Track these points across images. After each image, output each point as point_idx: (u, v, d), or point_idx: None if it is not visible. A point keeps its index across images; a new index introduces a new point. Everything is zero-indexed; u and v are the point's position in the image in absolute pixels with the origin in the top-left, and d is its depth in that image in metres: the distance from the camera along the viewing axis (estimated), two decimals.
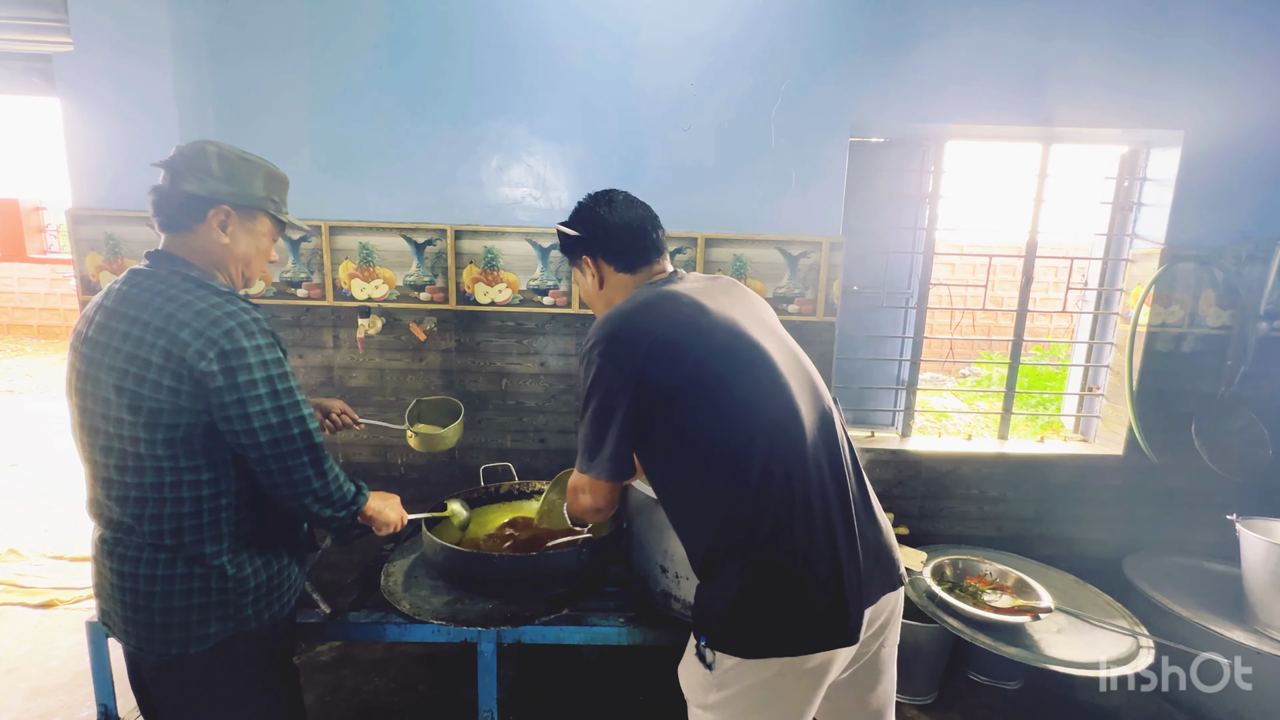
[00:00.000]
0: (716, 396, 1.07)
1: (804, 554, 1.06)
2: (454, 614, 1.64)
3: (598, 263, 1.31)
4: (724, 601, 1.08)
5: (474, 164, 2.28)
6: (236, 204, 1.23)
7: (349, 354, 2.38)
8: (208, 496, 1.16)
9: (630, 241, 1.29)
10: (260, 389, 1.12)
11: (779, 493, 1.06)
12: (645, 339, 1.09)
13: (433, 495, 2.48)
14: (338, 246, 2.31)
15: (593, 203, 1.32)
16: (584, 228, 1.31)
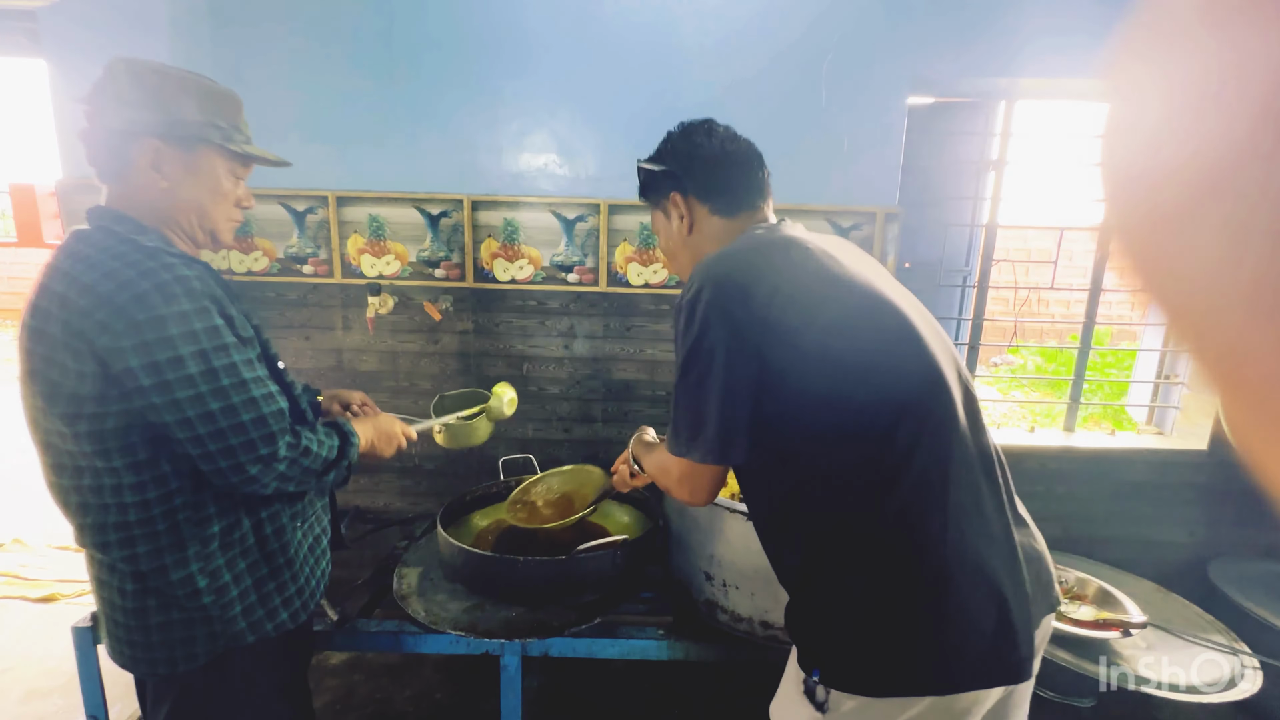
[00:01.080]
0: (853, 368, 0.87)
1: (957, 565, 0.84)
2: (474, 623, 1.47)
3: (689, 202, 1.08)
4: (847, 625, 0.88)
5: (493, 129, 2.08)
6: (166, 135, 0.96)
7: (359, 336, 2.21)
8: (156, 499, 0.94)
9: (734, 176, 1.08)
10: (190, 367, 0.89)
11: (925, 490, 0.85)
12: (768, 288, 0.88)
13: (450, 489, 2.31)
14: (346, 219, 2.13)
15: (686, 131, 1.11)
16: (675, 159, 1.09)
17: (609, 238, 2.13)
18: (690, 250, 1.11)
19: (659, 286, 2.16)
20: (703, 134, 1.09)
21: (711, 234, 1.08)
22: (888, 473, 0.85)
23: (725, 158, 1.08)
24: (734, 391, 0.86)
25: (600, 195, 2.10)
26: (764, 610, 1.41)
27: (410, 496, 2.33)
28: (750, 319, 0.86)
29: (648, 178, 1.15)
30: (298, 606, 1.12)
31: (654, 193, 1.15)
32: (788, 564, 0.98)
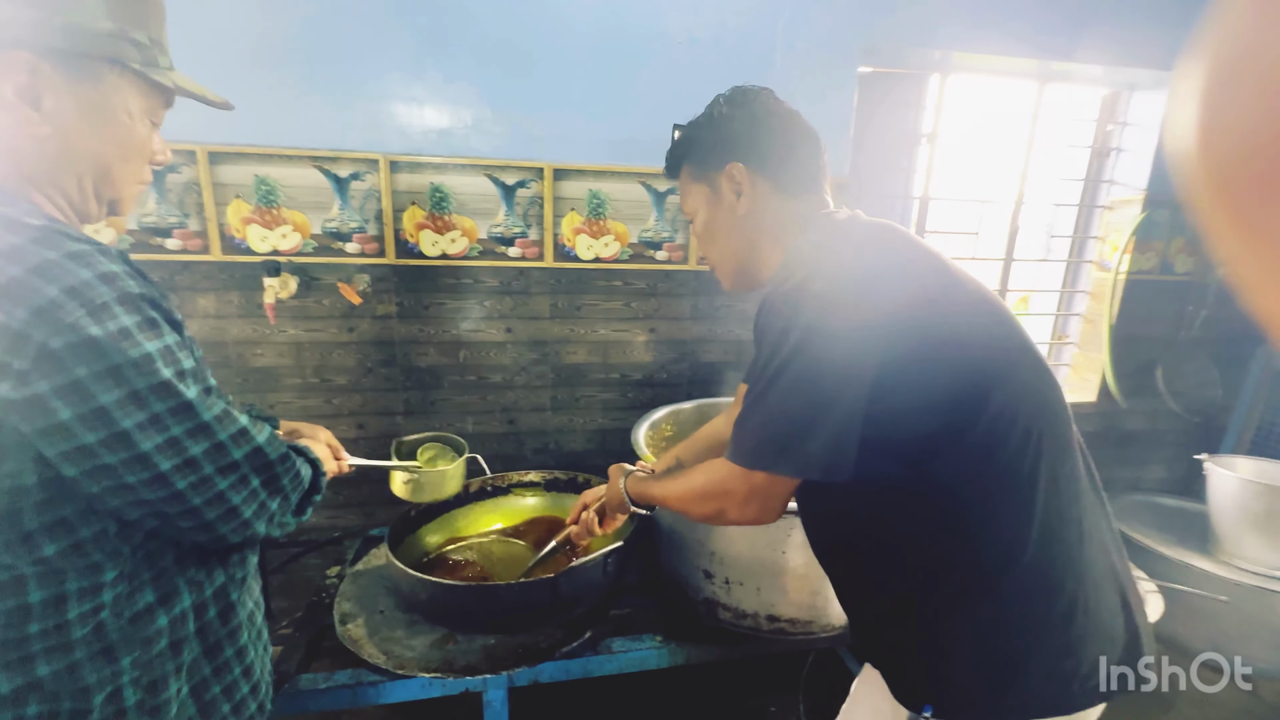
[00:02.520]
0: (979, 370, 0.76)
1: (1093, 574, 0.80)
2: (449, 659, 1.26)
3: (752, 177, 0.92)
4: (974, 654, 0.79)
5: (412, 73, 1.75)
6: (51, 50, 0.63)
7: (249, 325, 1.81)
8: (78, 594, 0.64)
9: (802, 151, 0.93)
10: (153, 405, 0.62)
11: (1056, 500, 0.78)
12: (888, 282, 0.77)
13: (376, 498, 2.01)
14: (223, 180, 1.71)
15: (746, 95, 0.95)
16: (736, 124, 0.93)
17: (555, 206, 1.90)
18: (742, 233, 0.96)
19: (611, 261, 1.98)
20: (768, 99, 0.94)
21: (771, 216, 0.93)
22: (1018, 486, 0.77)
23: (794, 129, 0.93)
24: (848, 398, 0.74)
25: (544, 158, 1.86)
26: (770, 604, 1.34)
27: (326, 511, 2.00)
28: (871, 315, 0.74)
29: (697, 145, 0.97)
30: (253, 712, 0.84)
31: (702, 163, 0.97)
32: (888, 592, 0.87)
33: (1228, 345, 2.54)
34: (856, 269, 0.79)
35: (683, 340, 2.10)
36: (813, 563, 1.30)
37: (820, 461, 0.75)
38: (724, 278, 1.03)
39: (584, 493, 1.29)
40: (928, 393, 0.75)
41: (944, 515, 0.80)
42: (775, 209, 0.93)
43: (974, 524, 0.79)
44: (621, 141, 1.90)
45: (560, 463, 2.10)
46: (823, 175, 0.96)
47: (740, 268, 0.99)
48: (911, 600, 0.84)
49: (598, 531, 1.25)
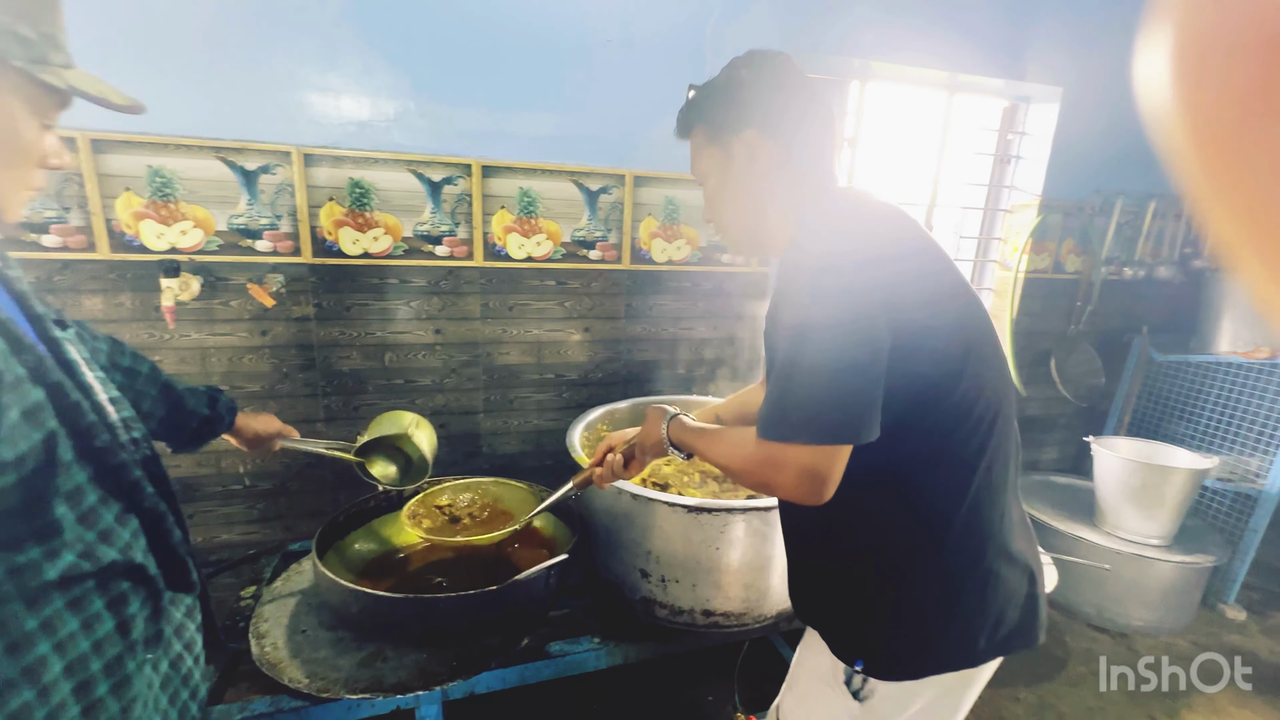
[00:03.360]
0: (963, 349, 0.82)
1: (1013, 543, 0.90)
2: (377, 677, 1.22)
3: (767, 145, 0.91)
4: (907, 613, 0.88)
5: (327, 60, 1.65)
6: None
7: (146, 329, 1.66)
8: None
9: (819, 126, 0.92)
10: None
11: (998, 473, 0.87)
12: (905, 252, 0.82)
13: (297, 509, 1.91)
14: (110, 171, 1.56)
15: (766, 61, 0.92)
16: (754, 90, 0.90)
17: (484, 204, 1.85)
18: (753, 200, 0.95)
19: (544, 260, 1.95)
20: (788, 66, 0.92)
21: (783, 186, 0.93)
22: (972, 457, 0.84)
23: (812, 100, 0.92)
24: (875, 364, 0.76)
25: (472, 154, 1.81)
26: (705, 599, 1.37)
27: (240, 526, 1.87)
28: (892, 284, 0.77)
29: (712, 107, 0.94)
30: None
31: (717, 127, 0.94)
32: (841, 549, 0.93)
33: (1109, 337, 2.82)
34: (868, 239, 0.80)
35: (617, 339, 2.11)
36: (745, 558, 1.34)
37: (854, 428, 0.76)
38: (730, 243, 1.04)
39: (609, 435, 1.24)
40: (923, 356, 0.80)
41: (896, 485, 0.86)
42: (787, 179, 0.93)
43: (918, 496, 0.86)
44: (553, 139, 1.88)
45: (495, 466, 2.06)
46: (834, 149, 0.96)
47: (748, 234, 0.99)
48: (852, 564, 0.92)
49: (623, 475, 1.20)
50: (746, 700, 1.85)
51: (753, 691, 1.95)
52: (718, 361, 2.24)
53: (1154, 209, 2.70)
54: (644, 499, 1.33)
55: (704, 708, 1.90)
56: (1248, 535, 2.47)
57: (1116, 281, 2.76)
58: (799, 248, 0.82)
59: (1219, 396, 2.66)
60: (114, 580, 0.69)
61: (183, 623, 0.85)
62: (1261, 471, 2.45)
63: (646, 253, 2.05)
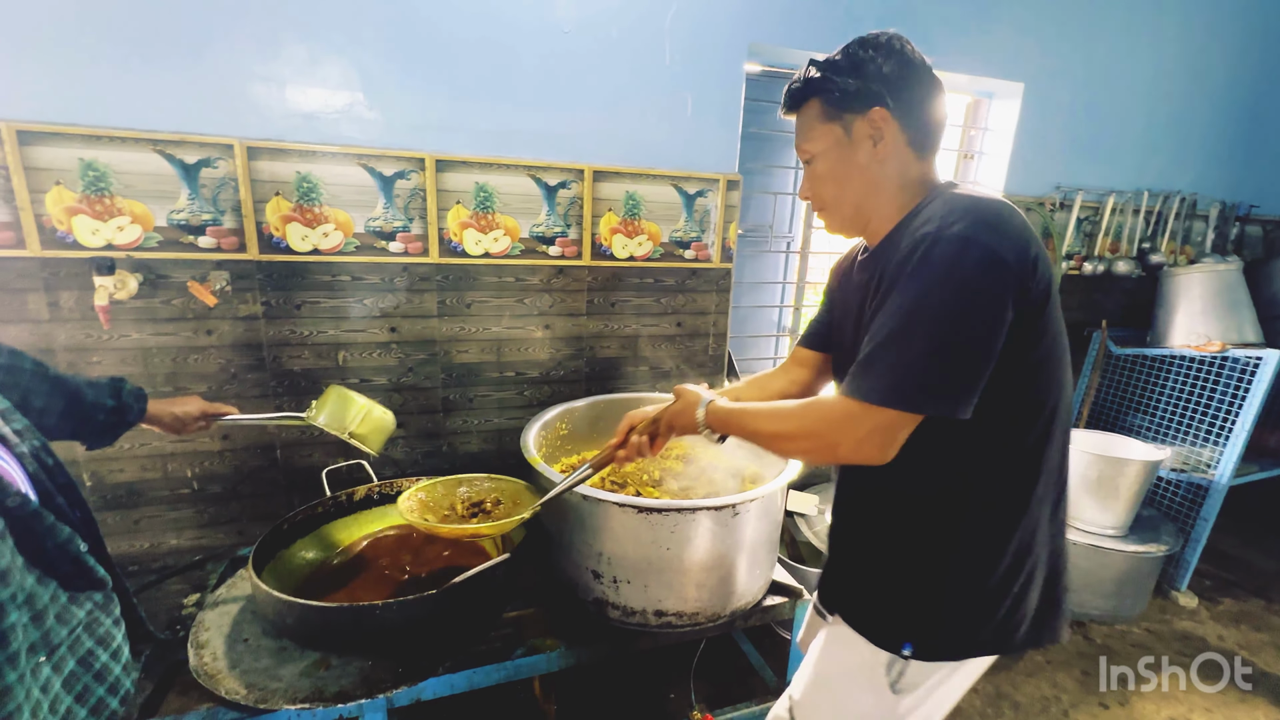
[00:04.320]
0: (1050, 334, 0.85)
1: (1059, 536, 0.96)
2: (319, 686, 1.19)
3: (892, 126, 0.92)
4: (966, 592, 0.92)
5: (270, 50, 1.60)
6: None
7: (81, 329, 1.60)
8: None
9: (938, 108, 0.94)
10: None
11: (1057, 464, 0.92)
12: (1035, 245, 0.82)
13: (246, 514, 1.86)
14: (39, 165, 1.49)
15: (892, 42, 0.93)
16: (884, 70, 0.91)
17: (439, 199, 1.81)
18: (869, 180, 0.95)
19: (501, 256, 1.92)
20: (913, 49, 0.93)
21: (900, 170, 0.94)
22: (1038, 442, 0.88)
23: (935, 85, 0.93)
24: (993, 343, 0.79)
25: (425, 148, 1.77)
26: (657, 600, 1.37)
27: (189, 531, 1.82)
28: (1021, 271, 0.79)
29: (836, 84, 0.93)
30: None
31: (841, 103, 0.93)
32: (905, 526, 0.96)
33: (1069, 331, 2.83)
34: (1009, 224, 0.81)
35: (579, 336, 2.09)
36: (697, 557, 1.33)
37: (957, 399, 0.79)
38: (832, 221, 1.03)
39: (629, 413, 1.22)
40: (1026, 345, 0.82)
41: (968, 466, 0.89)
42: (902, 164, 0.94)
43: (986, 478, 0.89)
44: (509, 132, 1.84)
45: (455, 466, 2.03)
46: (943, 137, 0.97)
47: (856, 214, 0.99)
48: (914, 540, 0.95)
49: (648, 454, 1.18)
50: (706, 697, 1.86)
51: (712, 689, 1.96)
52: (682, 357, 2.23)
53: (1113, 205, 2.74)
54: (594, 500, 1.31)
55: (664, 705, 1.90)
56: (1199, 524, 2.54)
57: (1077, 276, 2.80)
58: (935, 221, 0.82)
59: (1173, 389, 2.72)
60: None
61: (93, 618, 0.82)
62: (1212, 462, 2.51)
63: (607, 249, 2.03)
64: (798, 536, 2.25)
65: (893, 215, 0.95)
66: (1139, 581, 2.42)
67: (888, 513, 0.98)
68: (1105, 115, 2.62)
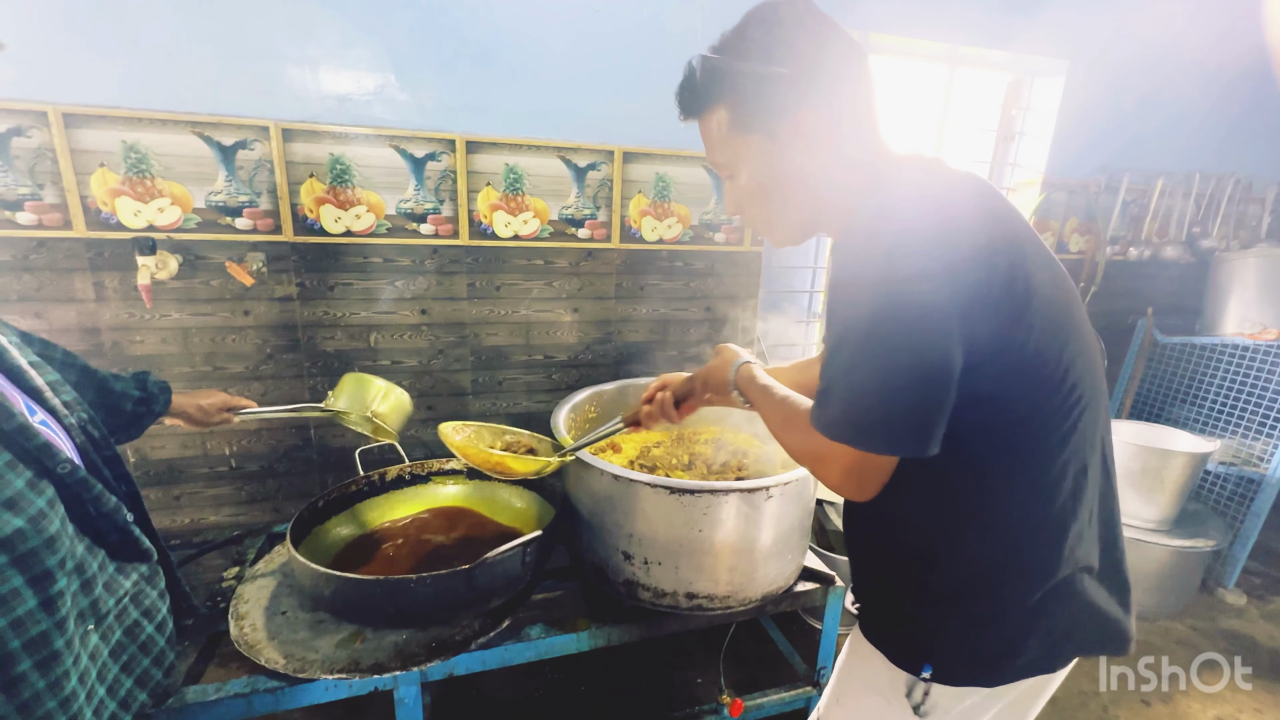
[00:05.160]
0: (1057, 338, 0.72)
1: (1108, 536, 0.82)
2: (355, 658, 1.20)
3: (824, 124, 0.76)
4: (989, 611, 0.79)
5: (304, 32, 1.61)
6: None
7: (126, 308, 1.64)
8: None
9: (866, 88, 0.77)
10: None
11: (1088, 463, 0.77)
12: (985, 240, 0.68)
13: (282, 492, 1.90)
14: (83, 146, 1.52)
15: (797, 13, 0.76)
16: (794, 58, 0.74)
17: (469, 181, 1.81)
18: (807, 189, 0.80)
19: (531, 238, 1.91)
20: (821, 19, 0.76)
21: (835, 162, 0.78)
22: (1057, 448, 0.75)
23: (853, 54, 0.76)
24: (944, 367, 0.66)
25: (455, 129, 1.77)
26: (688, 582, 1.35)
27: (228, 508, 1.86)
28: (969, 278, 0.66)
29: (743, 85, 0.77)
30: None
31: (754, 111, 0.77)
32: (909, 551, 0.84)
33: (1113, 319, 2.75)
34: (945, 225, 0.68)
35: (607, 320, 2.07)
36: (729, 540, 1.32)
37: (910, 439, 0.68)
38: (778, 237, 0.88)
39: (663, 375, 1.16)
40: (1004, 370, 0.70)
41: (972, 489, 0.77)
42: (840, 152, 0.78)
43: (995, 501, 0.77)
44: (539, 113, 1.83)
45: None
46: (876, 99, 0.80)
47: (804, 226, 0.86)
48: (921, 566, 0.83)
49: (673, 417, 1.12)
50: (735, 682, 1.85)
51: (741, 673, 1.94)
52: (710, 342, 2.20)
53: (1161, 187, 2.62)
54: (626, 480, 1.30)
55: (692, 689, 1.90)
56: (1249, 519, 2.43)
57: (1121, 262, 2.69)
58: (862, 229, 0.71)
59: (1224, 379, 2.61)
60: (32, 556, 0.67)
61: (139, 590, 0.83)
62: (1265, 455, 2.41)
63: (637, 231, 2.01)
64: (827, 524, 2.22)
65: (842, 212, 0.80)
66: (1183, 577, 2.33)
67: (892, 525, 0.85)
68: (1154, 93, 2.51)
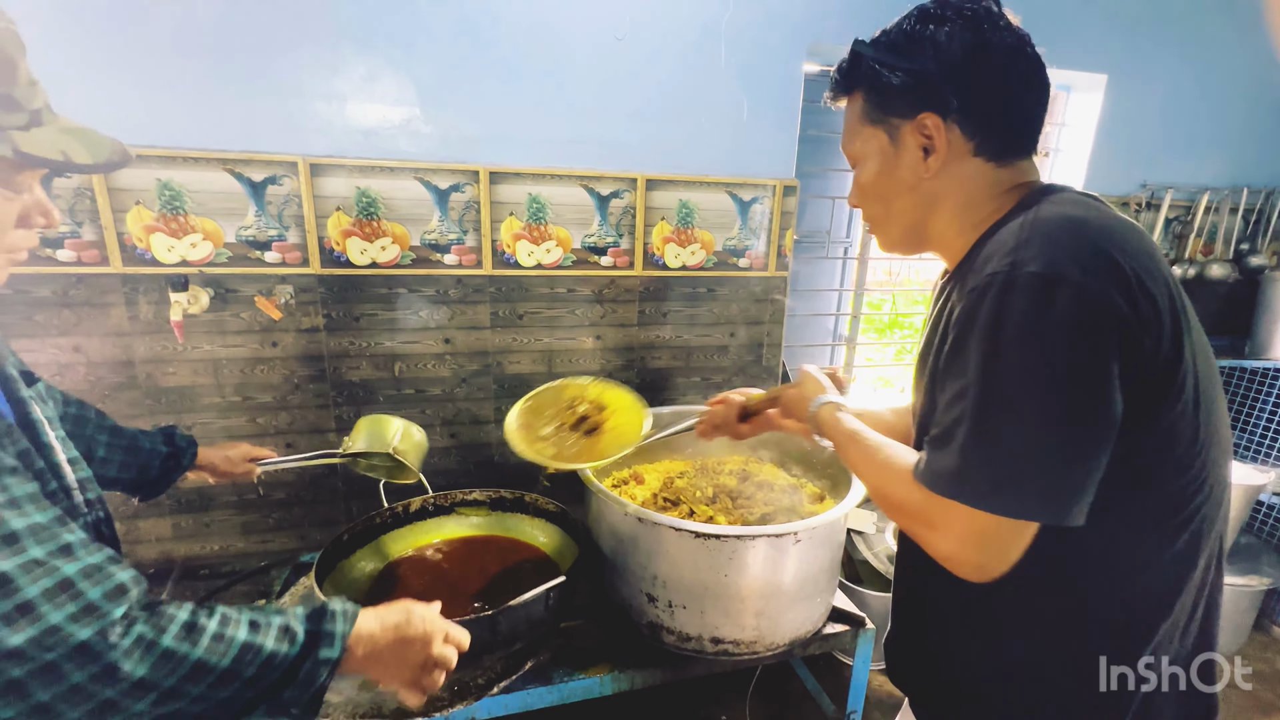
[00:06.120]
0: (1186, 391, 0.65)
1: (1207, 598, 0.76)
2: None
3: (951, 133, 0.72)
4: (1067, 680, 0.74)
5: (331, 69, 1.63)
6: None
7: (159, 342, 1.67)
8: None
9: (1026, 103, 0.73)
10: None
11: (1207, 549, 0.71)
12: (1160, 280, 0.62)
13: (309, 520, 1.92)
14: (120, 185, 1.56)
15: (962, 12, 0.71)
16: (940, 59, 0.70)
17: (492, 211, 1.81)
18: (921, 197, 0.77)
19: (553, 267, 1.91)
20: (993, 23, 0.70)
21: (964, 184, 0.74)
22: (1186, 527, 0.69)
23: (1023, 71, 0.71)
24: (1102, 428, 0.60)
25: (479, 160, 1.77)
26: (714, 627, 1.32)
27: (256, 535, 1.88)
28: (1140, 323, 0.60)
29: (881, 75, 0.75)
30: None
31: (883, 103, 0.75)
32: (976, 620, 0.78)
33: None
34: (1109, 268, 0.60)
35: (630, 347, 2.06)
36: (756, 585, 1.28)
37: (1059, 505, 0.60)
38: (884, 241, 0.86)
39: (742, 389, 1.14)
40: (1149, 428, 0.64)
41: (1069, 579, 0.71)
42: (967, 176, 0.74)
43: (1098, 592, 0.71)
44: (561, 142, 1.82)
45: (506, 478, 2.03)
46: (1039, 136, 0.75)
47: (906, 235, 0.82)
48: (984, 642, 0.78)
49: (737, 432, 1.09)
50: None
51: (766, 711, 1.90)
52: (735, 369, 2.17)
53: (1206, 203, 2.52)
54: (649, 522, 1.28)
55: None
56: None
57: None
58: (1003, 254, 0.63)
59: (1277, 405, 2.48)
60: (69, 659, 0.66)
61: None
62: None
63: (659, 258, 1.99)
64: (855, 555, 2.16)
65: (956, 236, 0.76)
66: (1235, 616, 2.22)
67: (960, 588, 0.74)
68: (1200, 106, 2.41)
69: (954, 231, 0.77)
